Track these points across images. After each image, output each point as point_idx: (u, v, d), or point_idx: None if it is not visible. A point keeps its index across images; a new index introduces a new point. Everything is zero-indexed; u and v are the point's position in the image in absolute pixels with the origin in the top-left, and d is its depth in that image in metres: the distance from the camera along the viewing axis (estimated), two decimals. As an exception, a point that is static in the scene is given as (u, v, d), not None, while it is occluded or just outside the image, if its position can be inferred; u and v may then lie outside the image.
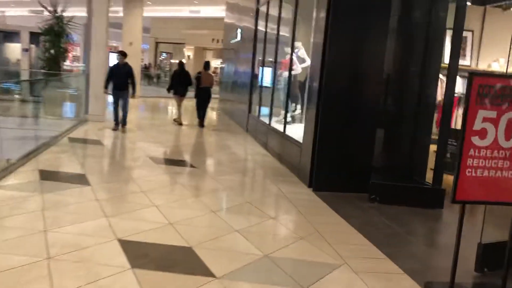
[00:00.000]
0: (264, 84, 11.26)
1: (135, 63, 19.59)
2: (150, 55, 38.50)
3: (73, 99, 11.26)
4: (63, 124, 9.66)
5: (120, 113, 9.83)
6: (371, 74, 6.17)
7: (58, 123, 10.08)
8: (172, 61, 40.20)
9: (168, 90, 12.22)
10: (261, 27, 11.47)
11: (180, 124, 11.87)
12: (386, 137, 6.25)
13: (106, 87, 9.84)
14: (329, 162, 6.24)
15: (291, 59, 8.69)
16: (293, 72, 10.28)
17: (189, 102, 12.95)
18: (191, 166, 7.09)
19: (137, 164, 7.00)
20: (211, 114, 16.76)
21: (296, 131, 8.38)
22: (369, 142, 6.20)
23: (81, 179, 5.70)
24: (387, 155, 6.34)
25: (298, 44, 10.64)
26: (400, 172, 6.25)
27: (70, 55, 16.60)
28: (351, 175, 6.24)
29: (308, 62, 10.35)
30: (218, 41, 33.29)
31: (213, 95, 25.47)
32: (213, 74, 15.58)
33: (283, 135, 8.14)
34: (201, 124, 11.89)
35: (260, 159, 8.18)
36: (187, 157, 7.86)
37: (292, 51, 8.70)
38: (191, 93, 12.27)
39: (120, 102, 9.74)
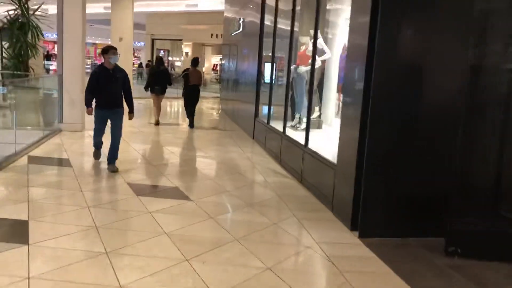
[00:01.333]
0: (276, 82, 9.34)
1: (127, 62, 17.70)
2: (146, 53, 36.50)
3: (44, 105, 9.35)
4: (28, 137, 7.77)
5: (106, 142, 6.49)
6: (446, 68, 4.27)
7: (22, 135, 8.18)
8: (170, 58, 38.30)
9: (146, 88, 11.20)
10: (269, 14, 9.54)
11: (157, 123, 11.11)
12: (465, 152, 4.31)
13: (89, 104, 6.19)
14: (383, 193, 4.34)
15: (315, 46, 6.73)
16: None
17: (176, 102, 11.04)
18: (184, 197, 5.18)
19: (111, 198, 5.09)
20: (211, 116, 14.81)
21: (321, 142, 6.47)
22: (443, 163, 4.30)
23: (21, 233, 3.82)
24: (465, 177, 4.40)
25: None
26: (480, 201, 4.32)
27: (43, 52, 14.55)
28: (416, 213, 4.35)
29: (328, 53, 8.43)
30: (217, 36, 31.36)
31: (213, 94, 23.73)
32: (203, 72, 14.60)
33: (304, 149, 6.22)
34: (191, 124, 11.04)
35: (275, 181, 6.26)
36: (178, 181, 5.94)
37: (316, 39, 6.74)
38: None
39: (110, 127, 6.28)
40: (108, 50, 6.07)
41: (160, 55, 38.23)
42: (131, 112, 6.38)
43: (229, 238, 4.01)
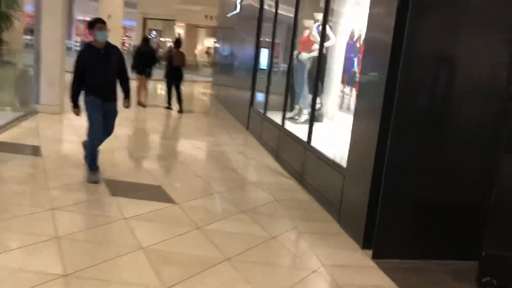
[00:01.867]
0: (274, 69, 8.58)
1: (115, 42, 16.73)
2: (138, 32, 35.29)
3: (18, 84, 8.51)
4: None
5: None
6: (484, 62, 3.59)
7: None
8: (162, 39, 37.11)
9: (132, 69, 10.64)
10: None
11: (142, 104, 10.72)
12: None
13: (76, 100, 4.82)
14: (405, 204, 3.67)
15: (324, 30, 5.98)
16: (315, 54, 7.63)
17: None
18: (167, 199, 4.46)
19: (81, 198, 4.34)
20: (202, 101, 14.01)
21: (324, 139, 5.78)
22: (479, 170, 3.64)
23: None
24: (506, 188, 3.73)
25: (319, 16, 7.96)
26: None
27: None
28: (443, 230, 3.69)
29: (332, 39, 7.68)
30: (212, 18, 30.32)
31: (205, 79, 22.85)
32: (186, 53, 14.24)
33: (306, 147, 5.51)
34: (180, 109, 10.49)
35: (271, 181, 5.56)
36: (161, 178, 5.22)
37: (325, 23, 5.99)
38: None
39: (104, 120, 4.84)
40: (95, 24, 4.70)
41: (152, 35, 37.11)
42: (127, 97, 5.13)
43: (218, 257, 3.30)
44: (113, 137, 5.17)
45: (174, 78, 10.67)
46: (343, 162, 4.40)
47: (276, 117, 7.60)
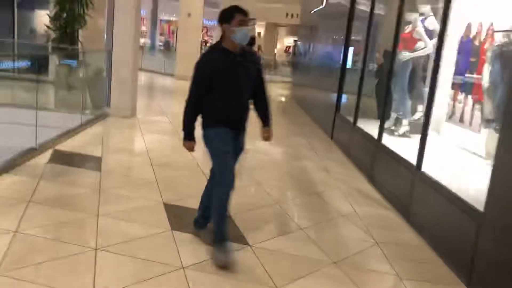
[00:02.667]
0: (368, 70, 7.39)
1: (193, 43, 16.33)
2: (219, 32, 35.19)
3: (91, 85, 8.09)
4: (65, 122, 6.51)
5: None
6: None
7: (60, 119, 6.95)
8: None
9: None
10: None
11: None
12: None
13: (190, 130, 3.30)
14: None
15: (444, 23, 4.70)
16: (420, 53, 6.38)
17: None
18: (239, 238, 3.52)
19: (134, 233, 3.53)
20: (280, 103, 13.05)
21: (436, 159, 4.55)
22: None
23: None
24: None
25: (425, 8, 6.67)
26: None
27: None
28: None
29: (429, 44, 6.37)
30: (292, 16, 29.32)
31: (283, 78, 21.89)
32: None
33: (414, 172, 4.30)
34: None
35: (367, 213, 4.43)
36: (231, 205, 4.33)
37: (447, 11, 4.72)
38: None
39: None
40: (233, 15, 2.98)
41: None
42: (266, 124, 3.45)
43: None
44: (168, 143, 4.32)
45: None
46: (476, 201, 3.18)
47: (370, 128, 6.42)
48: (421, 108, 6.87)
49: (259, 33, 32.19)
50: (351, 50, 8.49)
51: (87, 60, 8.31)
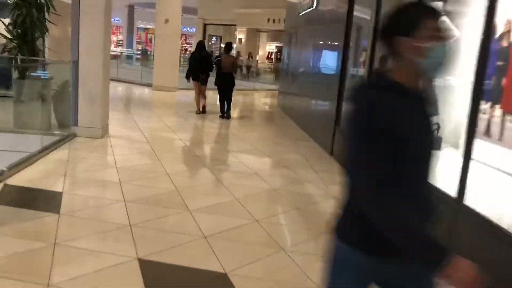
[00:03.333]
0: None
1: (172, 51, 15.34)
2: (197, 39, 34.38)
3: (56, 101, 7.08)
4: (24, 146, 5.50)
5: None
6: None
7: (18, 141, 5.94)
8: (222, 45, 35.88)
9: (187, 77, 10.33)
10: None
11: (203, 112, 10.24)
12: None
13: (434, 245, 1.34)
14: None
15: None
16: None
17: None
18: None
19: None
20: (266, 114, 12.15)
21: (481, 186, 3.70)
22: None
23: None
24: None
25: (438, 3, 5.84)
26: None
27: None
28: None
29: (455, 35, 5.54)
30: (274, 21, 28.60)
31: (269, 86, 21.05)
32: (239, 58, 13.79)
33: (454, 205, 3.42)
34: (226, 115, 9.98)
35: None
36: (226, 260, 3.36)
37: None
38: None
39: None
40: (423, 20, 1.43)
41: (212, 41, 36.05)
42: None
43: None
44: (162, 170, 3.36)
45: (224, 85, 9.93)
46: None
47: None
48: (434, 120, 6.06)
49: (240, 39, 31.38)
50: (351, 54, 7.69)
51: (50, 72, 7.29)
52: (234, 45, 31.23)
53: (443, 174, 4.36)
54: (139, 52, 34.90)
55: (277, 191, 5.09)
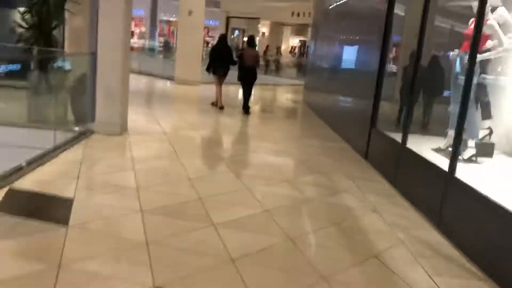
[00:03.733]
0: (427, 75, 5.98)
1: (195, 43, 14.89)
2: (219, 32, 33.90)
3: (73, 95, 6.68)
4: (36, 142, 5.10)
5: None
6: None
7: (30, 137, 5.54)
8: (245, 39, 35.30)
9: (208, 69, 10.04)
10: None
11: (221, 107, 9.89)
12: None
13: None
14: None
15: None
16: (493, 54, 4.93)
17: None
18: None
19: None
20: (292, 112, 11.58)
21: None
22: None
23: None
24: None
25: (495, -2, 5.22)
26: None
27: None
28: None
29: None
30: (299, 14, 27.91)
31: (293, 81, 20.44)
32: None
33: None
34: (246, 110, 9.74)
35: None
36: (251, 278, 2.86)
37: None
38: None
39: None
40: None
41: (235, 34, 35.55)
42: None
43: None
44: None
45: (246, 79, 9.67)
46: None
47: (425, 149, 5.01)
48: (487, 124, 5.43)
49: (263, 33, 30.76)
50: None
51: (64, 65, 6.90)
52: (258, 39, 30.70)
53: (493, 182, 3.76)
54: (161, 45, 34.62)
55: (311, 202, 4.55)
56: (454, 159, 4.04)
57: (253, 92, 10.23)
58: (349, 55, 8.74)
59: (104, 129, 6.43)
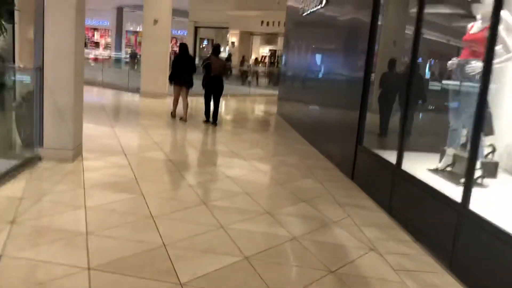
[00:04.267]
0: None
1: (161, 54, 14.07)
2: (188, 42, 33.05)
3: (18, 116, 5.79)
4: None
5: None
6: None
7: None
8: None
9: (170, 80, 9.81)
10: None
11: (184, 119, 9.54)
12: None
13: None
14: None
15: None
16: (503, 61, 4.35)
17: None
18: None
19: None
20: (266, 125, 10.89)
21: None
22: None
23: None
24: None
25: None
26: None
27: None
28: None
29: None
30: (268, 24, 27.40)
31: (264, 91, 19.80)
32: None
33: None
34: (213, 120, 9.46)
35: None
36: None
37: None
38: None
39: None
40: None
41: (203, 45, 34.80)
42: None
43: None
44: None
45: (212, 88, 9.40)
46: None
47: (422, 171, 4.41)
48: (488, 141, 4.86)
49: (232, 43, 30.12)
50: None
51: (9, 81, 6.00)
52: (227, 48, 30.00)
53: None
54: (127, 56, 33.46)
55: (299, 242, 3.81)
56: (467, 189, 3.40)
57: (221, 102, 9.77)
58: (330, 62, 8.14)
59: (53, 155, 5.56)
